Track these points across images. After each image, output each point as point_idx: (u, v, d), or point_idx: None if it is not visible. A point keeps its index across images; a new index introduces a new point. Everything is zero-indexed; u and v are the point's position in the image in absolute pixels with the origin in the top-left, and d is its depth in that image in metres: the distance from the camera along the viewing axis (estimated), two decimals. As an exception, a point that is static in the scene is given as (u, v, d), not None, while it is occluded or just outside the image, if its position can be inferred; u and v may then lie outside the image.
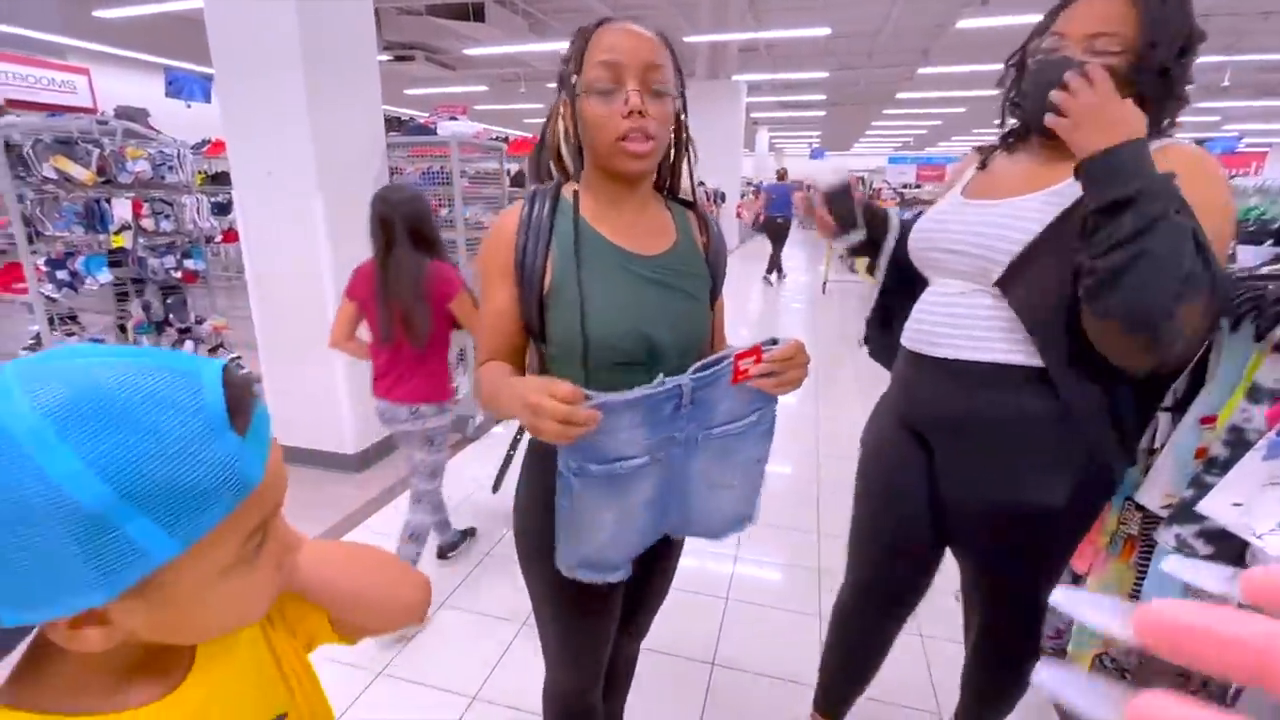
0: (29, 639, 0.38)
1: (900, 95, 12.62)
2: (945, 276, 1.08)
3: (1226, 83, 9.81)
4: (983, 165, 1.12)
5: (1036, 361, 0.94)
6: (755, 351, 0.81)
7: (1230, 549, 0.93)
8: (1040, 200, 0.95)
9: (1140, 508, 1.23)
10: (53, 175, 2.64)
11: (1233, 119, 15.35)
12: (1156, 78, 0.89)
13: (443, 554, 2.31)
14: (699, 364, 0.82)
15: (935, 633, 1.90)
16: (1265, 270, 1.16)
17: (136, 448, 0.33)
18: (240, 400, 0.38)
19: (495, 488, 1.12)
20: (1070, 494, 1.00)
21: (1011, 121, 1.09)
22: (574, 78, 0.84)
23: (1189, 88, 0.94)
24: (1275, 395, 0.95)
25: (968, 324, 1.02)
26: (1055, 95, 0.85)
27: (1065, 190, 0.92)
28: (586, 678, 1.09)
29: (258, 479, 0.38)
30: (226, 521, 0.37)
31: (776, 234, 8.70)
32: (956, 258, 1.04)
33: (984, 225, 1.00)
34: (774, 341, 0.82)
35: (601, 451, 0.80)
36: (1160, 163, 0.82)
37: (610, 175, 0.87)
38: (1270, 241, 1.37)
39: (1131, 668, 1.74)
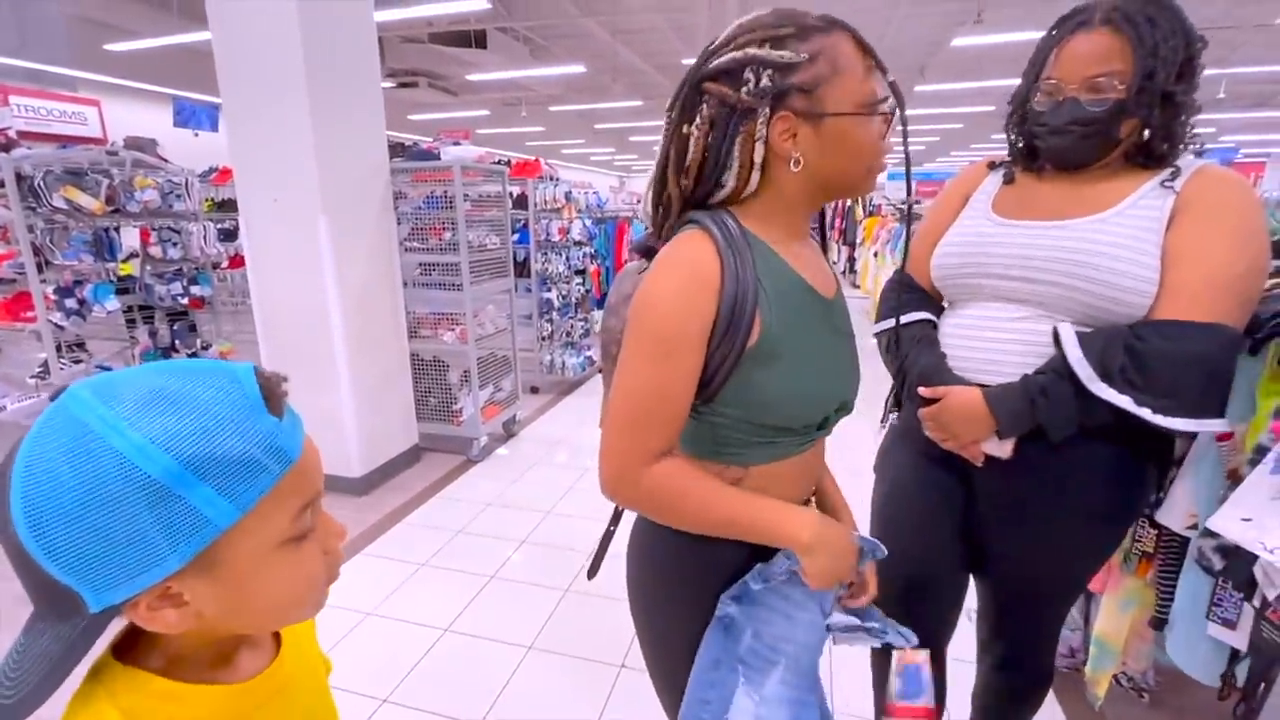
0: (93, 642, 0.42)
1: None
2: (993, 300, 1.02)
3: (1222, 94, 9.88)
4: (1010, 180, 1.07)
5: None
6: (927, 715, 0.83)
7: (1241, 563, 0.92)
8: (1126, 217, 0.93)
9: (1155, 525, 1.22)
10: (62, 205, 2.68)
11: (1229, 130, 15.43)
12: (1160, 105, 0.89)
13: None
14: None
15: (950, 651, 1.87)
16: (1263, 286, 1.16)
17: (191, 424, 0.39)
18: (271, 388, 0.44)
19: (592, 573, 0.99)
20: (1111, 523, 0.99)
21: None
22: (824, 92, 0.68)
23: (1198, 97, 0.94)
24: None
25: (1019, 350, 0.97)
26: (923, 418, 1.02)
27: (1127, 210, 0.93)
28: None
29: (297, 453, 0.44)
30: (274, 494, 0.42)
31: None
32: (1014, 284, 0.99)
33: (1063, 250, 0.94)
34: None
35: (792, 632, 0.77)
36: (1201, 182, 0.89)
37: (811, 203, 0.76)
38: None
39: (1149, 688, 1.70)
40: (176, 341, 3.18)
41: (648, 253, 0.79)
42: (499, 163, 4.03)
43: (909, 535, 1.11)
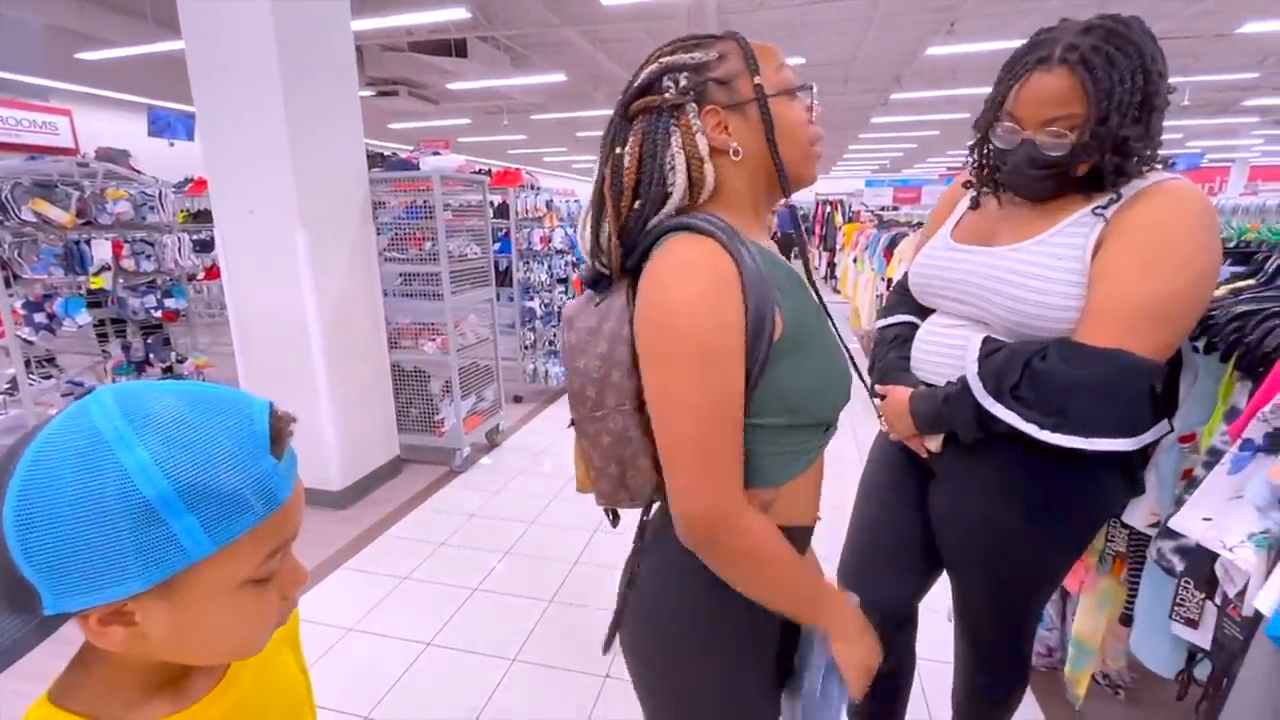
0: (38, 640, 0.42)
1: (875, 120, 12.95)
2: (945, 313, 1.12)
3: (1186, 101, 10.17)
4: (974, 205, 1.14)
5: None
6: None
7: (1202, 563, 0.94)
8: (1045, 245, 0.98)
9: (1127, 525, 1.25)
10: (31, 219, 2.63)
11: (1195, 135, 15.87)
12: (1113, 147, 0.90)
13: None
14: None
15: (931, 654, 1.89)
16: (1217, 293, 1.20)
17: (196, 453, 0.40)
18: (280, 431, 0.46)
19: (606, 648, 0.87)
20: (1063, 519, 1.01)
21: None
22: (754, 79, 0.71)
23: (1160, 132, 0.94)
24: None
25: (953, 356, 1.04)
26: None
27: (1050, 239, 0.97)
28: None
29: (286, 498, 0.45)
30: (253, 534, 0.42)
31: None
32: (954, 304, 1.09)
33: (981, 275, 1.02)
34: None
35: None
36: (1136, 206, 0.91)
37: (766, 196, 0.77)
38: (1229, 261, 1.41)
39: (1125, 685, 1.74)
40: (150, 355, 3.13)
41: (597, 282, 0.76)
42: (479, 172, 4.03)
43: (875, 505, 1.24)
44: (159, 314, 3.07)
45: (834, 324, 0.79)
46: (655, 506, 0.78)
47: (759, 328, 0.65)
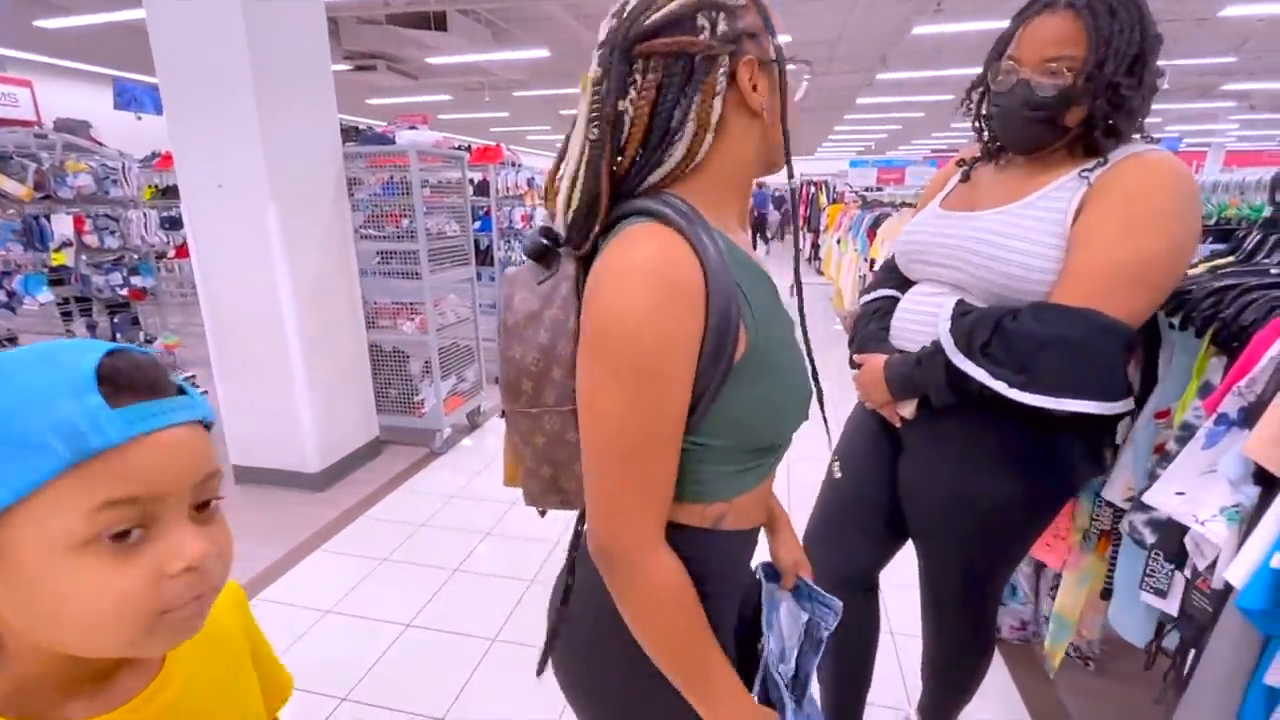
0: None
1: (860, 100, 12.89)
2: (928, 281, 1.14)
3: (1166, 85, 10.24)
4: (965, 178, 1.16)
5: None
6: None
7: (1172, 535, 0.95)
8: (1029, 208, 0.99)
9: (1111, 504, 1.26)
10: (-14, 191, 2.53)
11: (1175, 120, 16.04)
12: (1106, 94, 0.92)
13: None
14: None
15: (906, 629, 1.92)
16: (1195, 270, 1.20)
17: None
18: (130, 375, 0.40)
19: (539, 670, 0.80)
20: (1026, 489, 1.01)
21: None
22: (765, 41, 0.62)
23: (1156, 88, 0.96)
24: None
25: (929, 322, 1.04)
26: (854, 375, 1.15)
27: (1035, 201, 0.98)
28: None
29: (104, 443, 0.37)
30: (67, 480, 0.37)
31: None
32: (938, 269, 1.09)
33: (965, 239, 1.04)
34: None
35: None
36: (1119, 172, 0.92)
37: (755, 174, 0.69)
38: (1211, 239, 1.41)
39: (1094, 656, 1.78)
40: (117, 335, 3.03)
41: (543, 256, 0.66)
42: (458, 148, 3.94)
43: (846, 472, 1.26)
44: (125, 292, 2.98)
45: (805, 331, 0.72)
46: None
47: (719, 346, 0.57)
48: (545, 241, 0.66)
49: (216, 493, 0.43)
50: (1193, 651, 0.91)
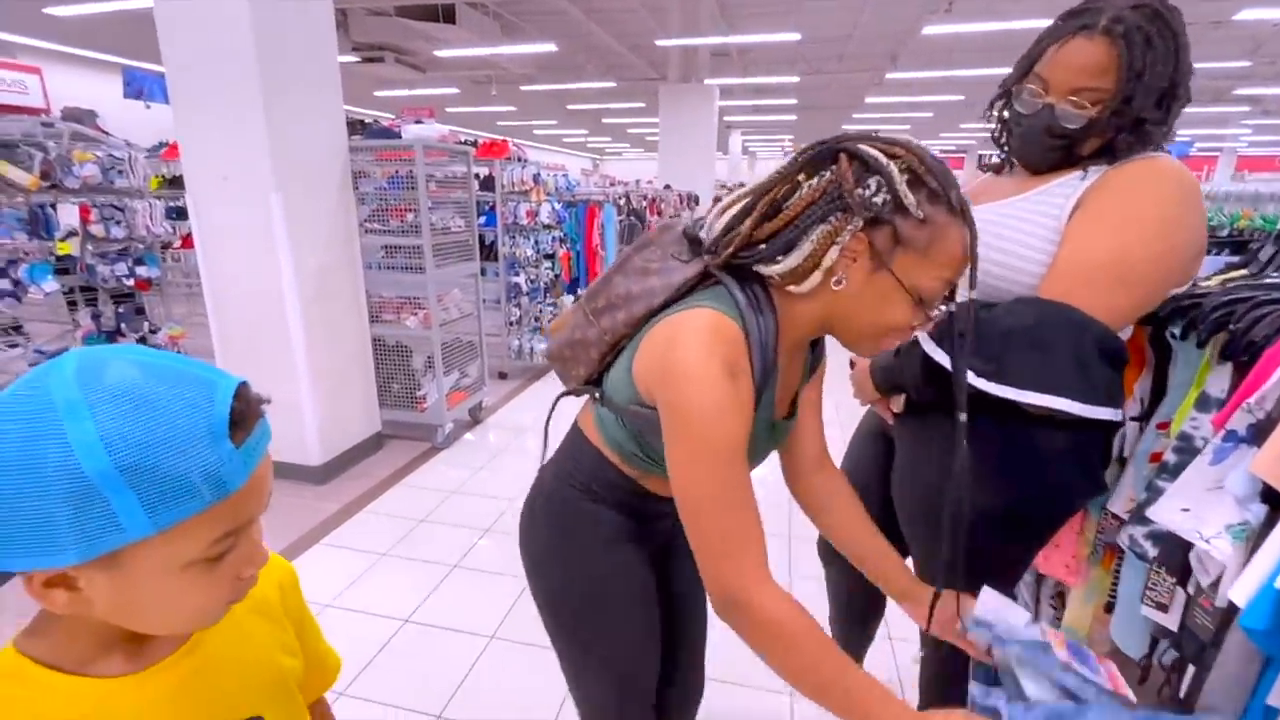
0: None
1: (870, 99, 12.81)
2: None
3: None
4: (995, 170, 1.16)
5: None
6: None
7: (1175, 549, 0.94)
8: (1027, 202, 0.99)
9: (1119, 516, 1.25)
10: (-7, 180, 2.53)
11: (1185, 124, 15.92)
12: (1130, 128, 0.91)
13: None
14: None
15: (907, 634, 1.92)
16: (1208, 282, 1.18)
17: (145, 432, 0.38)
18: (244, 416, 0.44)
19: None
20: (1017, 506, 0.99)
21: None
22: (900, 251, 0.69)
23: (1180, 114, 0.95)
24: (1222, 403, 0.97)
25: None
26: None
27: (1035, 195, 0.98)
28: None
29: (237, 487, 0.43)
30: (200, 518, 0.41)
31: None
32: None
33: None
34: None
35: None
36: (1118, 173, 0.92)
37: (819, 330, 0.79)
38: (1226, 251, 1.39)
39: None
40: (122, 325, 3.04)
41: (695, 244, 0.80)
42: (465, 142, 3.93)
43: (849, 474, 1.25)
44: (131, 282, 2.98)
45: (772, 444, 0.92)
46: (575, 423, 0.92)
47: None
48: (693, 234, 0.80)
49: None
50: (1191, 668, 0.90)
